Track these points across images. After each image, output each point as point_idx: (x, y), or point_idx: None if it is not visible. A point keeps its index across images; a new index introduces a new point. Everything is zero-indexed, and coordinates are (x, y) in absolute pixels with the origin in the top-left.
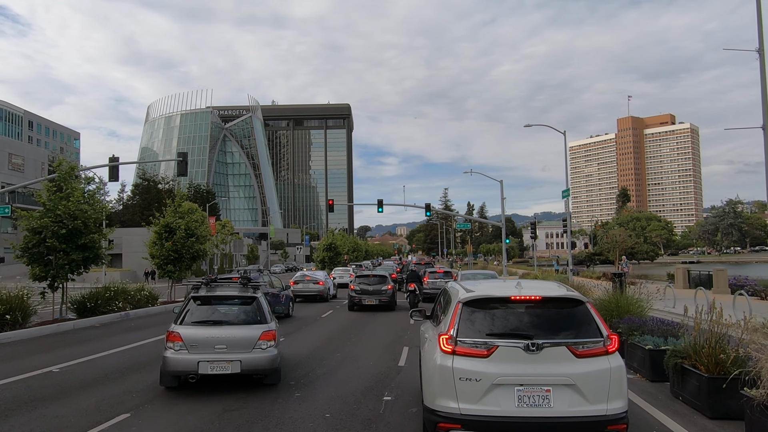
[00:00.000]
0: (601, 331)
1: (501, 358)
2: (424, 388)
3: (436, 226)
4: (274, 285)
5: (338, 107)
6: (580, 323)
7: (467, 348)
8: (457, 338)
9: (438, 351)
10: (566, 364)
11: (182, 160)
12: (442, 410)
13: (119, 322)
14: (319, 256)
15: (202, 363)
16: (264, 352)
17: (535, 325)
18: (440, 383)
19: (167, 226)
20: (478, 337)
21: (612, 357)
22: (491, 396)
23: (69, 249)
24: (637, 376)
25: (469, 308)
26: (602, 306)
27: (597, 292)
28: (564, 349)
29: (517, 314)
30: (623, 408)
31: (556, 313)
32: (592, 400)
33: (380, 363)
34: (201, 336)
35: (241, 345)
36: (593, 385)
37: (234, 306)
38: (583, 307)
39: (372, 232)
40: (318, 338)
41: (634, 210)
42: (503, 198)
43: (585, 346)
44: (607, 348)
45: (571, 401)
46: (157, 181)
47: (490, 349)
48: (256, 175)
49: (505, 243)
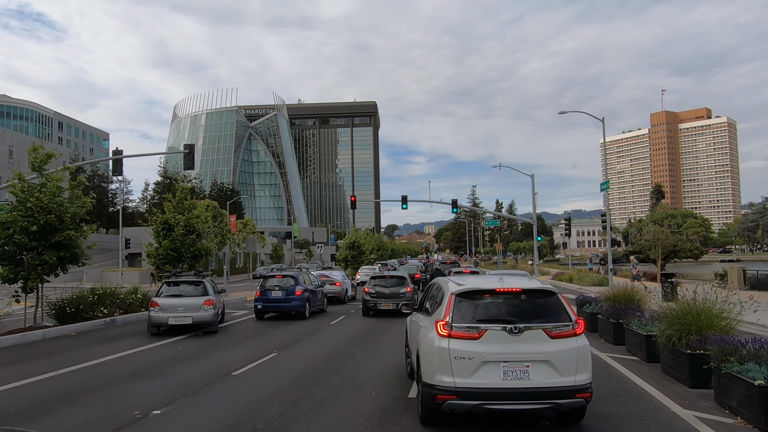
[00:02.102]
0: (570, 316)
1: (489, 340)
2: (422, 367)
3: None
4: (311, 283)
5: (364, 105)
6: (553, 310)
7: (461, 332)
8: (452, 324)
9: (435, 335)
10: (542, 344)
11: (189, 152)
12: (440, 384)
13: (101, 329)
14: (342, 254)
15: (170, 318)
16: (206, 312)
17: (516, 312)
18: (438, 362)
19: (166, 223)
20: (469, 322)
21: (579, 338)
22: (481, 371)
23: (41, 247)
24: (739, 420)
25: (460, 299)
26: (676, 318)
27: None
28: (541, 332)
29: (501, 303)
30: (588, 379)
31: (533, 302)
32: (563, 373)
33: (385, 393)
34: (169, 303)
35: (192, 308)
36: (564, 361)
37: (189, 286)
38: (555, 297)
39: (400, 231)
40: (317, 354)
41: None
42: (534, 193)
43: (557, 329)
44: (575, 330)
45: (547, 374)
46: (179, 179)
47: (480, 332)
48: (281, 173)
49: (536, 240)
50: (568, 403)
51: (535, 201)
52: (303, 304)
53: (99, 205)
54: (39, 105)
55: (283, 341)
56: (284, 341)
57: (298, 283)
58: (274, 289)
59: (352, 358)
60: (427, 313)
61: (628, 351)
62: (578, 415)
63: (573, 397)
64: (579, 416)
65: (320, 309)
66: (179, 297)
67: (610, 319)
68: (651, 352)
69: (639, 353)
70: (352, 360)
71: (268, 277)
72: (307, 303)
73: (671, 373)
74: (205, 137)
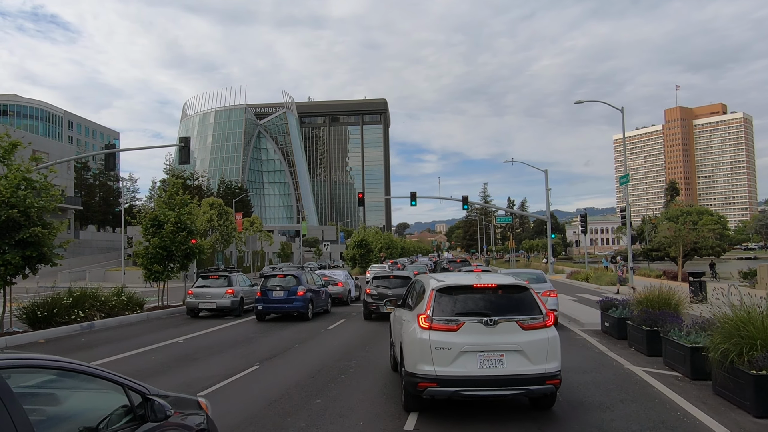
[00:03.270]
0: (541, 310)
1: (466, 332)
2: (405, 357)
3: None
4: (315, 282)
5: (374, 102)
6: (526, 304)
7: (440, 324)
8: (432, 317)
9: (417, 327)
10: (515, 335)
11: (184, 146)
12: (422, 373)
13: (76, 336)
14: (350, 253)
15: (200, 303)
16: (226, 299)
17: (491, 305)
18: (420, 352)
19: (155, 220)
20: (448, 315)
21: (549, 329)
22: (459, 360)
23: (5, 246)
24: None
25: (441, 294)
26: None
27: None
28: (514, 324)
29: (477, 298)
30: (558, 367)
31: (507, 297)
32: (535, 362)
33: (376, 423)
34: (200, 292)
35: (216, 296)
36: (535, 351)
37: (217, 279)
38: (528, 292)
39: (411, 229)
40: (304, 367)
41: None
42: (548, 189)
43: (529, 321)
44: (545, 323)
45: (519, 363)
46: (185, 177)
47: (458, 324)
48: (291, 171)
49: (550, 238)
50: (539, 389)
51: (548, 196)
52: (306, 305)
53: (105, 204)
54: (49, 104)
55: (270, 350)
56: (271, 350)
57: (301, 282)
58: (276, 289)
59: (344, 373)
60: (410, 308)
61: (666, 365)
62: (549, 401)
63: (543, 384)
64: (550, 402)
65: (324, 310)
66: (208, 288)
67: (642, 326)
68: (698, 368)
69: (680, 368)
70: (343, 376)
71: (269, 277)
72: (310, 304)
73: (727, 396)
74: (214, 135)
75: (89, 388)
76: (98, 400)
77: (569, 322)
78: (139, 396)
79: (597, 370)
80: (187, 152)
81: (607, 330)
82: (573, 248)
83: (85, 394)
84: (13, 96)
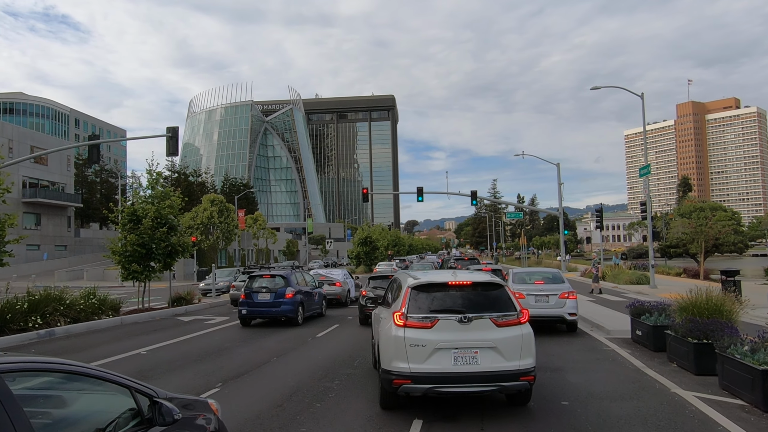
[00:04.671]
0: (516, 307)
1: (441, 329)
2: (381, 354)
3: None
4: (307, 283)
5: (382, 98)
6: (500, 301)
7: (415, 321)
8: (407, 314)
9: (393, 325)
10: (490, 332)
11: (171, 136)
12: (396, 370)
13: (31, 344)
14: (354, 251)
15: None
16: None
17: (466, 303)
18: (395, 349)
19: (133, 214)
20: (423, 313)
21: (523, 326)
22: (434, 357)
23: None
24: None
25: (416, 291)
26: None
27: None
28: (488, 321)
29: (453, 295)
30: (532, 364)
31: (482, 294)
32: (508, 358)
33: None
34: None
35: None
36: (509, 348)
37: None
38: (503, 289)
39: (420, 226)
40: (272, 392)
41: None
42: (560, 183)
43: (503, 318)
44: (519, 319)
45: (493, 360)
46: (188, 173)
47: (432, 321)
48: (297, 168)
49: (563, 234)
50: (513, 385)
51: (561, 191)
52: (295, 309)
53: (107, 201)
54: (55, 102)
55: (240, 365)
56: (243, 365)
57: (290, 284)
58: (261, 291)
59: (322, 399)
60: (388, 306)
61: (724, 389)
62: (524, 398)
63: (517, 380)
64: (525, 398)
65: (318, 313)
66: None
67: (688, 338)
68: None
69: (746, 395)
70: (320, 404)
71: (255, 277)
72: (300, 307)
73: None
74: (220, 132)
75: (96, 391)
76: (105, 403)
77: (592, 328)
78: (146, 399)
79: (637, 395)
80: (175, 143)
81: (639, 339)
82: (584, 245)
83: (92, 396)
84: (19, 94)
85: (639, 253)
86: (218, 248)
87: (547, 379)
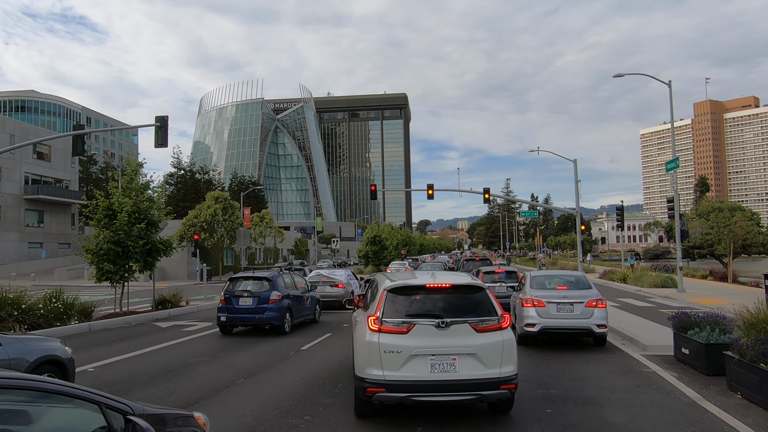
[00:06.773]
0: (497, 311)
1: (417, 334)
2: (355, 360)
3: (498, 218)
4: (297, 286)
5: (394, 97)
6: (480, 305)
7: (390, 326)
8: (382, 319)
9: (367, 330)
10: (469, 338)
11: (161, 126)
12: (370, 377)
13: None
14: (362, 250)
15: None
16: None
17: (445, 307)
18: (368, 356)
19: (108, 209)
20: (399, 317)
21: (505, 332)
22: (409, 364)
23: None
24: None
25: (392, 294)
26: None
27: None
28: (467, 326)
29: (431, 299)
30: (513, 371)
31: (462, 297)
32: (488, 366)
33: None
34: None
35: None
36: (489, 354)
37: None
38: (483, 292)
39: (432, 226)
40: (225, 429)
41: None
42: (578, 180)
43: (483, 323)
44: (500, 324)
45: (472, 367)
46: (194, 170)
47: (408, 326)
48: (308, 167)
49: (580, 233)
50: (494, 394)
51: (578, 188)
52: (280, 316)
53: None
54: (67, 100)
55: (195, 390)
56: (198, 390)
57: (275, 287)
58: (243, 296)
59: None
60: (365, 309)
61: None
62: (506, 406)
63: (498, 389)
64: (507, 407)
65: (311, 319)
66: None
67: (761, 364)
68: None
69: None
70: None
71: (236, 279)
72: (288, 313)
73: None
74: (231, 130)
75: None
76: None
77: (623, 341)
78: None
79: None
80: (165, 134)
81: (685, 359)
82: (599, 245)
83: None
84: (31, 92)
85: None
86: (223, 246)
87: (579, 417)
